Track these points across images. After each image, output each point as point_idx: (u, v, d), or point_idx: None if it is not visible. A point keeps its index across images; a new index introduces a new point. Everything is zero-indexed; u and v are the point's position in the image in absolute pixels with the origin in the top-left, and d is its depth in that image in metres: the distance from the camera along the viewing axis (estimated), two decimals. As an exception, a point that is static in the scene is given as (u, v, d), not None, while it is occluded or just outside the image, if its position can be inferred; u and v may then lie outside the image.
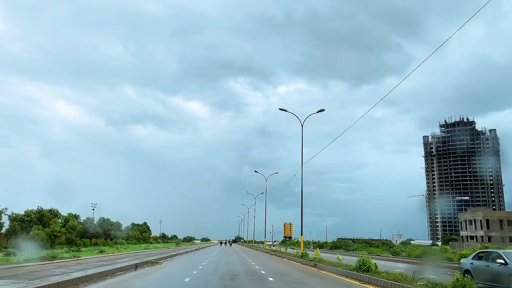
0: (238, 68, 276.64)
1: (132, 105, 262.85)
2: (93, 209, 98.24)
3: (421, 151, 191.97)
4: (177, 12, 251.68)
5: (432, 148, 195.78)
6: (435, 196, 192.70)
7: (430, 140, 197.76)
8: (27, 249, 24.46)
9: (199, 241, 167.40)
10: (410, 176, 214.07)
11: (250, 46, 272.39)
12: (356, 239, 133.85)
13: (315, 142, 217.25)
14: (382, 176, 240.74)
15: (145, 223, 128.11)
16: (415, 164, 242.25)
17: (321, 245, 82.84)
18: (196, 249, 46.77)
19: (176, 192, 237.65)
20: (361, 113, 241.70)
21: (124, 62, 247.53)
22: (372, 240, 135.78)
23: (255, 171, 63.79)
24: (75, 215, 69.62)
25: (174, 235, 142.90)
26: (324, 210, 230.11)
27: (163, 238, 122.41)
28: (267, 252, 45.14)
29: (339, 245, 63.08)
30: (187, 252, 37.12)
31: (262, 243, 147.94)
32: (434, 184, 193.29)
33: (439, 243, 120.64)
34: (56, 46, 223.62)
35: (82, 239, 56.34)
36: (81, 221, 63.14)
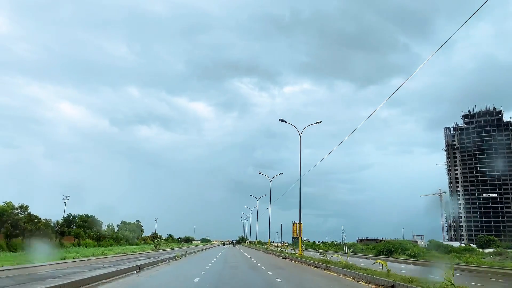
0: (243, 68, 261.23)
1: (136, 106, 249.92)
2: (64, 202, 78.67)
3: (427, 151, 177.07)
4: (183, 12, 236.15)
5: (454, 141, 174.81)
6: (458, 192, 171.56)
7: (452, 132, 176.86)
8: None
9: (199, 242, 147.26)
10: (418, 176, 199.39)
11: (256, 46, 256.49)
12: (381, 240, 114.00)
13: (319, 142, 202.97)
14: (387, 177, 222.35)
15: (137, 221, 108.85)
16: (421, 165, 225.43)
17: (348, 248, 62.42)
18: (176, 259, 25.21)
19: (178, 193, 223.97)
20: (365, 114, 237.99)
21: (129, 63, 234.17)
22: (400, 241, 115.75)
23: (260, 173, 58.98)
24: (22, 206, 50.20)
25: (170, 235, 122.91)
26: (328, 211, 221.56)
27: (155, 238, 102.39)
28: (327, 269, 21.09)
29: (392, 248, 41.66)
30: (143, 267, 17.10)
31: (267, 243, 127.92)
32: (457, 180, 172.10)
33: (474, 245, 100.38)
34: (61, 46, 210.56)
35: (9, 239, 36.58)
36: (21, 215, 43.94)
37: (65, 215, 69.11)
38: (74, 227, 62.56)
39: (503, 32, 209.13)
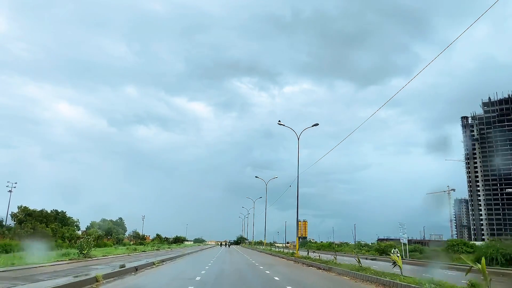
0: (243, 68, 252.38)
1: (135, 106, 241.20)
2: (10, 191, 60.56)
3: (426, 151, 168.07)
4: (183, 12, 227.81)
5: (473, 132, 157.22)
6: (478, 188, 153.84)
7: (470, 121, 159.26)
8: None
9: (191, 242, 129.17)
10: (418, 176, 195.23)
11: (256, 46, 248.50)
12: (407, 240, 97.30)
13: (319, 143, 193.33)
14: (386, 177, 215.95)
15: (120, 218, 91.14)
16: (422, 164, 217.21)
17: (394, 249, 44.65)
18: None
19: (174, 193, 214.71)
20: (364, 114, 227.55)
21: (128, 62, 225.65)
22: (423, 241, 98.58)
23: (256, 177, 60.47)
24: None
25: (158, 235, 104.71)
26: (326, 211, 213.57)
27: (136, 238, 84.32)
28: None
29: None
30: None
31: (271, 244, 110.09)
32: (477, 174, 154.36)
33: None
34: (59, 45, 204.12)
35: None
36: None
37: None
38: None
39: (503, 33, 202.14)
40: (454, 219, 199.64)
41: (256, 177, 61.14)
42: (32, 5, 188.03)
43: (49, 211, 50.34)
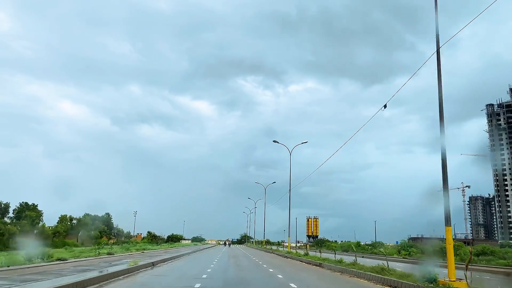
0: (248, 66, 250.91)
1: (138, 104, 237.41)
2: None
3: (430, 151, 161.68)
4: (186, 9, 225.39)
5: (499, 120, 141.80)
6: (505, 182, 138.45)
7: (496, 109, 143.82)
8: None
9: (189, 241, 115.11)
10: (422, 175, 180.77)
11: (261, 44, 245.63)
12: (454, 239, 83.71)
13: (322, 142, 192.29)
14: (390, 176, 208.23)
15: (107, 214, 77.88)
16: (426, 163, 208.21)
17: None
18: None
19: (176, 191, 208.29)
20: (368, 113, 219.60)
21: (132, 61, 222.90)
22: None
23: (274, 141, 51.66)
24: None
25: (149, 232, 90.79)
26: (329, 210, 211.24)
27: (119, 236, 70.69)
28: None
29: None
30: None
31: (277, 244, 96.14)
32: (504, 167, 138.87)
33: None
34: (62, 44, 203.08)
35: None
36: None
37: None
38: None
39: (508, 31, 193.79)
40: (469, 217, 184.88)
41: (274, 141, 53.57)
42: (35, 3, 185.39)
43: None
